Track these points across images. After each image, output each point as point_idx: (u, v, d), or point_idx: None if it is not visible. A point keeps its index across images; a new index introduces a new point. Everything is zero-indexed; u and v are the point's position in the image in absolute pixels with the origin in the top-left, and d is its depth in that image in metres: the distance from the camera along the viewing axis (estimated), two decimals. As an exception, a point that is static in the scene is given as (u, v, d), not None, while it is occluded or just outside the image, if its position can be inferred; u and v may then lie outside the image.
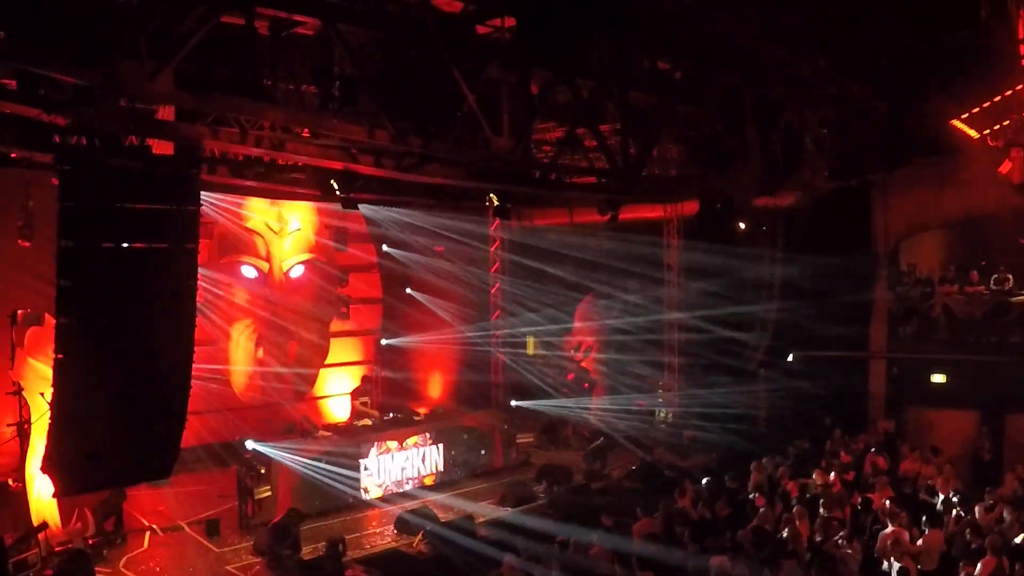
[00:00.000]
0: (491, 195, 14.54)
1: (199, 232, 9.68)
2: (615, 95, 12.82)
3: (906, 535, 12.20)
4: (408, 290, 24.00)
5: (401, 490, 18.58)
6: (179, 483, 16.21)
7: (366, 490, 18.04)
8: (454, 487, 19.44)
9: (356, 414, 20.40)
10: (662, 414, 24.22)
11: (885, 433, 19.58)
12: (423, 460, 19.32)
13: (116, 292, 8.92)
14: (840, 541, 12.05)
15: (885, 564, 11.67)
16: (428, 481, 19.37)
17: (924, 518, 13.10)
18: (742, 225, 18.41)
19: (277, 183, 15.64)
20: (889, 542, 11.77)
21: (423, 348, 24.25)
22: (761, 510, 13.79)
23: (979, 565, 10.91)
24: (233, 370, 20.66)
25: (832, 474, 15.27)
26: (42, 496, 14.06)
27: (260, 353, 21.22)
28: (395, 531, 16.40)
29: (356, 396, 20.70)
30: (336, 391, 22.71)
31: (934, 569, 12.05)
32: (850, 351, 21.17)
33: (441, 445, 19.62)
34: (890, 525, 12.42)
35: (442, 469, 19.67)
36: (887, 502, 13.44)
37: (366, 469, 18.06)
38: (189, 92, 8.79)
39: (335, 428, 19.45)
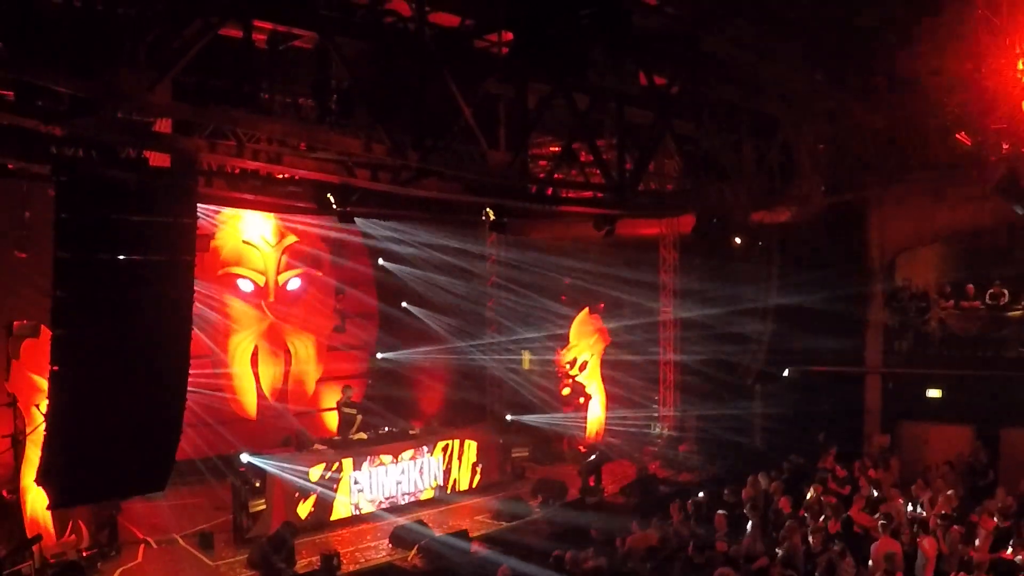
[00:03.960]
0: (487, 209, 14.55)
1: (195, 245, 9.66)
2: (612, 110, 12.86)
3: (898, 546, 12.26)
4: (404, 304, 24.00)
5: (396, 505, 18.51)
6: (174, 496, 16.19)
7: (357, 506, 17.97)
8: (449, 501, 19.40)
9: (343, 423, 20.30)
10: (657, 429, 24.24)
11: (880, 448, 19.62)
12: (421, 473, 19.26)
13: (112, 304, 8.88)
14: (833, 557, 12.08)
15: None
16: (427, 495, 19.30)
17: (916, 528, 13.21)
18: (738, 240, 18.43)
19: (274, 196, 15.63)
20: (880, 553, 11.84)
21: (419, 362, 24.25)
22: (750, 525, 13.85)
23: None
24: (228, 383, 20.62)
25: (810, 489, 15.40)
26: (36, 508, 14.01)
27: (256, 366, 21.23)
28: (390, 545, 16.36)
29: (341, 405, 20.60)
30: (331, 405, 22.65)
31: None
32: (846, 366, 21.21)
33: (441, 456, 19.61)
34: (882, 535, 12.49)
35: (442, 483, 19.62)
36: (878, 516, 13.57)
37: (356, 483, 17.99)
38: (187, 104, 8.80)
39: (330, 441, 19.39)
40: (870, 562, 12.21)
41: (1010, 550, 12.72)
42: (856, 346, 21.24)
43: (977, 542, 12.91)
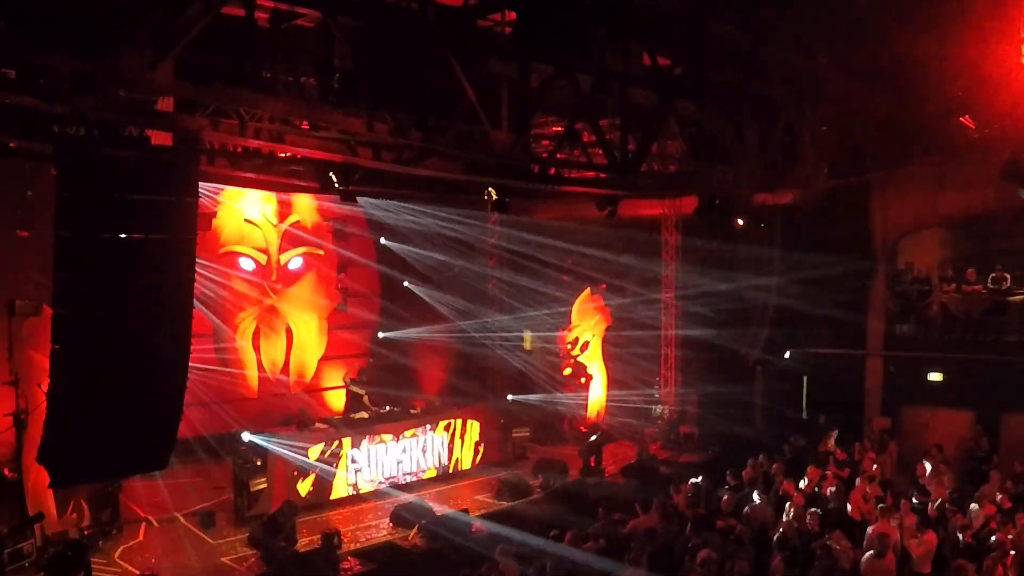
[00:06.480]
0: (490, 189, 14.52)
1: (197, 223, 9.66)
2: (615, 90, 12.80)
3: (895, 531, 12.26)
4: (406, 283, 23.99)
5: (397, 484, 18.55)
6: (175, 475, 16.22)
7: (355, 486, 18.01)
8: (449, 480, 19.45)
9: (351, 403, 20.31)
10: (658, 410, 24.27)
11: (881, 431, 19.63)
12: (424, 452, 19.30)
13: (113, 283, 8.89)
14: (829, 541, 12.11)
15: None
16: (430, 474, 19.35)
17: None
18: (741, 222, 18.42)
19: (276, 175, 15.63)
20: (873, 535, 11.86)
21: (420, 341, 24.25)
22: (754, 505, 13.88)
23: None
24: (230, 362, 20.64)
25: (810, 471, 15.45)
26: (38, 487, 14.05)
27: (257, 344, 21.25)
28: (390, 524, 16.41)
29: (349, 382, 20.59)
30: (333, 383, 22.69)
31: (928, 572, 12.09)
32: (847, 349, 21.22)
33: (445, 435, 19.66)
34: (880, 519, 12.49)
35: (445, 462, 19.68)
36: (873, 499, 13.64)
37: (354, 462, 18.01)
38: (189, 83, 8.76)
39: (331, 420, 19.42)
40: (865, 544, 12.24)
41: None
42: (858, 329, 21.24)
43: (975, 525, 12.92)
